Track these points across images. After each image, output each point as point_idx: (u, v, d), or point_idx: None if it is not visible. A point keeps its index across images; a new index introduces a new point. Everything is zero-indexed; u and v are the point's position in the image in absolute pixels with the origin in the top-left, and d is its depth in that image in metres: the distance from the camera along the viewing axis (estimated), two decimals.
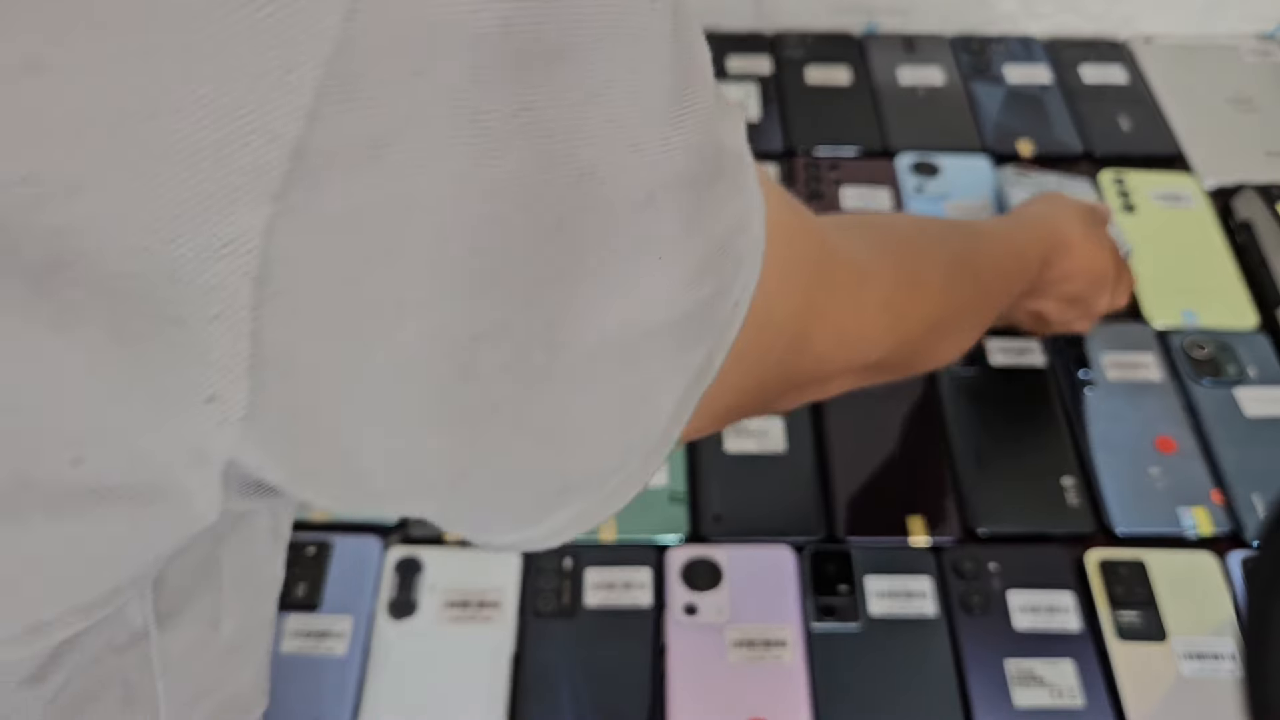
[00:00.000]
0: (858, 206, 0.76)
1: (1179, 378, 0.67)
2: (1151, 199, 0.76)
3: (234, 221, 0.19)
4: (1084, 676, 0.55)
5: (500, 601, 0.58)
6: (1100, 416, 0.65)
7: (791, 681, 0.55)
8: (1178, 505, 0.61)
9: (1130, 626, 0.56)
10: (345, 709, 0.54)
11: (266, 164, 0.19)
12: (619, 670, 0.55)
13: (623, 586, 0.58)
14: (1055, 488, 0.62)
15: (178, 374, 0.20)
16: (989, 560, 0.59)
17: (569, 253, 0.25)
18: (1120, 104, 0.84)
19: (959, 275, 0.49)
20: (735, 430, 0.64)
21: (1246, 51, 0.88)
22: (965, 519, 0.61)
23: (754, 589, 0.58)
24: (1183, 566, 0.59)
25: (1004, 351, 0.68)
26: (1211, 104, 0.84)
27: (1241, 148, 0.80)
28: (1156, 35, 0.90)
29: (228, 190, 0.19)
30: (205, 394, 0.21)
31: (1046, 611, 0.57)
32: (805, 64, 0.86)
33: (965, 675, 0.55)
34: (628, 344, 0.28)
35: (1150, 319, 0.70)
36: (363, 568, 0.59)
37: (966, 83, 0.85)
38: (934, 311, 0.46)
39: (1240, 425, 0.64)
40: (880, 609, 0.57)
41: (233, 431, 0.22)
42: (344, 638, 0.56)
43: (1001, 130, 0.82)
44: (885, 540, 0.60)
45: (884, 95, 0.84)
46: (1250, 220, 0.74)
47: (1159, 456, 0.63)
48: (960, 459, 0.63)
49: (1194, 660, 0.55)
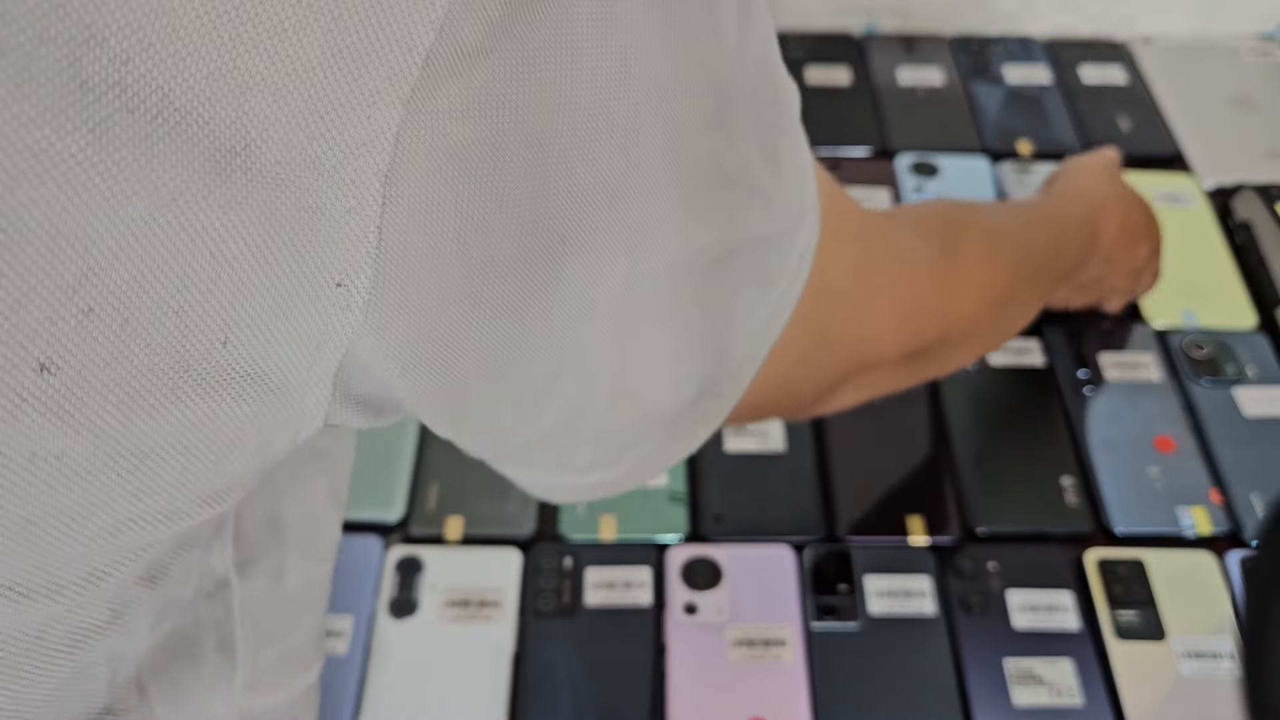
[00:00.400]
0: None
1: (1178, 377, 0.67)
2: (1151, 199, 0.76)
3: (371, 122, 0.21)
4: (1083, 676, 0.55)
5: (501, 601, 0.58)
6: (1099, 416, 0.65)
7: (791, 681, 0.55)
8: (1177, 505, 0.61)
9: (1129, 626, 0.57)
10: (346, 708, 0.54)
11: (401, 71, 0.21)
12: (619, 669, 0.55)
13: (623, 586, 0.58)
14: (1054, 487, 0.62)
15: (315, 259, 0.22)
16: (988, 560, 0.59)
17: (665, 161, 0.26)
18: (1120, 104, 0.84)
19: (1005, 250, 0.50)
20: (735, 429, 0.64)
21: (1246, 52, 0.88)
22: (964, 519, 0.61)
23: (754, 588, 0.58)
24: (1182, 566, 0.59)
25: (1004, 351, 0.68)
26: (1211, 104, 0.84)
27: (1241, 148, 0.80)
28: (1156, 35, 0.90)
29: (369, 94, 0.21)
30: (335, 279, 0.23)
31: (1045, 611, 0.57)
32: (805, 64, 0.87)
33: (964, 674, 0.55)
34: (708, 266, 0.29)
35: (1150, 319, 0.70)
36: (363, 567, 0.59)
37: (966, 83, 0.85)
38: (984, 287, 0.47)
39: (1239, 425, 0.64)
40: (880, 608, 0.57)
41: (354, 317, 0.24)
42: (345, 637, 0.57)
43: (1001, 130, 0.82)
44: (885, 540, 0.60)
45: (884, 95, 0.84)
46: (1249, 220, 0.75)
47: (1158, 456, 0.63)
48: (960, 459, 0.63)
49: (1193, 659, 0.56)
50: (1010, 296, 0.51)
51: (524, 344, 0.27)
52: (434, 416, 0.29)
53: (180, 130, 0.20)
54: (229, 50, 0.20)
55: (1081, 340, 0.69)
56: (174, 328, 0.22)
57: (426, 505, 0.62)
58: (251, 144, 0.20)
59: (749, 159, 0.30)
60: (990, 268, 0.48)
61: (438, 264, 0.24)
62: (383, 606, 0.58)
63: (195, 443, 0.24)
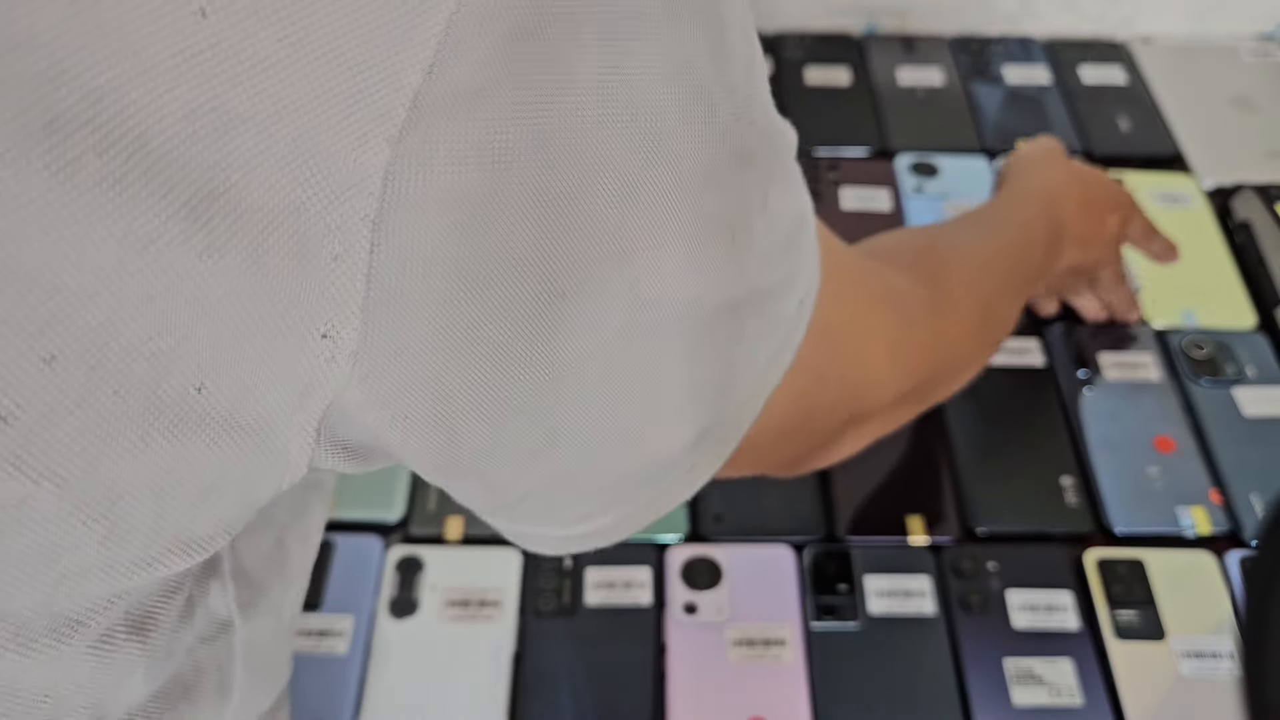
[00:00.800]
0: (857, 207, 0.76)
1: (1178, 377, 0.67)
2: (1151, 199, 0.77)
3: (359, 165, 0.21)
4: (1083, 675, 0.55)
5: (501, 600, 0.58)
6: (1099, 416, 0.65)
7: (791, 680, 0.55)
8: (1176, 505, 0.61)
9: (1129, 625, 0.57)
10: (346, 708, 0.54)
11: (389, 111, 0.20)
12: (619, 669, 0.55)
13: (623, 585, 0.58)
14: (1054, 487, 0.62)
15: (300, 307, 0.22)
16: (988, 559, 0.59)
17: (661, 207, 0.26)
18: (1119, 104, 0.84)
19: (980, 274, 0.50)
20: None
21: (1246, 52, 0.88)
22: (964, 518, 0.61)
23: (754, 588, 0.58)
24: (1181, 566, 0.59)
25: (1003, 351, 0.68)
26: (1211, 104, 0.84)
27: (1240, 148, 0.80)
28: (1156, 36, 0.90)
29: (355, 135, 0.20)
30: (321, 329, 0.22)
31: (1045, 610, 0.57)
32: (805, 64, 0.87)
33: (964, 674, 0.55)
34: (709, 317, 0.29)
35: (1149, 319, 0.70)
36: (364, 567, 0.59)
37: (966, 83, 0.85)
38: (968, 316, 0.47)
39: (1239, 425, 0.64)
40: (879, 608, 0.57)
41: (341, 368, 0.23)
42: (345, 636, 0.57)
43: (1001, 131, 0.82)
44: (885, 539, 0.60)
45: (883, 96, 0.84)
46: (1249, 221, 0.75)
47: (1158, 456, 0.63)
48: (959, 458, 0.63)
49: (1192, 659, 0.56)
50: (991, 318, 0.51)
51: (522, 397, 0.26)
52: (425, 467, 0.28)
53: (156, 171, 0.19)
54: (208, 88, 0.19)
55: (1081, 340, 0.69)
56: (146, 373, 0.21)
57: (427, 505, 0.62)
58: (232, 187, 0.20)
59: (750, 209, 0.29)
60: (970, 295, 0.48)
61: (431, 314, 0.23)
62: (383, 606, 0.58)
63: (168, 489, 0.23)
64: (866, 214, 0.75)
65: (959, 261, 0.49)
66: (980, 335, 0.50)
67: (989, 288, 0.50)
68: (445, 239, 0.22)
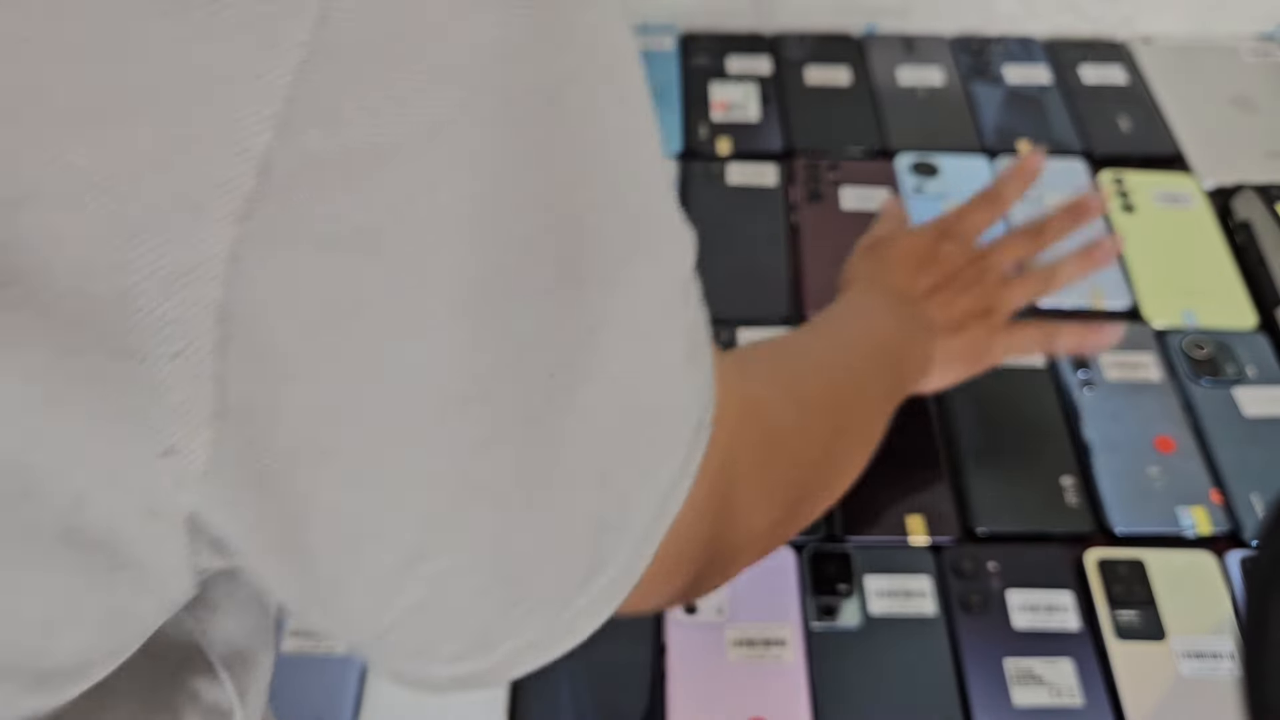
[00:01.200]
0: (857, 207, 0.76)
1: (1178, 377, 0.67)
2: (1151, 199, 0.77)
3: (196, 244, 0.17)
4: (1083, 676, 0.55)
5: None
6: (1099, 416, 0.65)
7: (791, 681, 0.55)
8: (1176, 505, 0.61)
9: (1129, 626, 0.57)
10: (346, 708, 0.54)
11: (231, 179, 0.17)
12: (619, 670, 0.55)
13: None
14: (1054, 487, 0.62)
15: (133, 419, 0.18)
16: (988, 560, 0.59)
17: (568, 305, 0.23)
18: (1120, 104, 0.84)
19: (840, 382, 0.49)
20: None
21: (1246, 52, 0.88)
22: (964, 518, 0.61)
23: (753, 588, 0.58)
24: (1182, 566, 0.59)
25: None
26: (1211, 104, 0.84)
27: (1241, 148, 0.80)
28: (1156, 36, 0.90)
29: (188, 207, 0.17)
30: (162, 445, 0.19)
31: (1045, 611, 0.57)
32: (805, 64, 0.87)
33: (964, 674, 0.55)
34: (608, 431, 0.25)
35: (1149, 319, 0.70)
36: None
37: (966, 83, 0.85)
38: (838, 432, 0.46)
39: (1239, 425, 0.64)
40: (880, 608, 0.57)
41: (191, 491, 0.20)
42: None
43: (1001, 131, 0.82)
44: (885, 540, 0.60)
45: (884, 96, 0.84)
46: (1249, 220, 0.75)
47: (1158, 456, 0.63)
48: (959, 459, 0.63)
49: (1193, 659, 0.56)
50: (857, 426, 0.50)
51: (384, 515, 0.23)
52: (279, 587, 0.24)
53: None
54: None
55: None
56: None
57: None
58: (28, 273, 0.16)
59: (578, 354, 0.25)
60: (830, 402, 0.46)
61: (298, 423, 0.20)
62: None
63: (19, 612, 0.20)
64: (867, 214, 0.75)
65: (814, 370, 0.47)
66: (851, 450, 0.49)
67: (847, 395, 0.49)
68: (308, 336, 0.19)
